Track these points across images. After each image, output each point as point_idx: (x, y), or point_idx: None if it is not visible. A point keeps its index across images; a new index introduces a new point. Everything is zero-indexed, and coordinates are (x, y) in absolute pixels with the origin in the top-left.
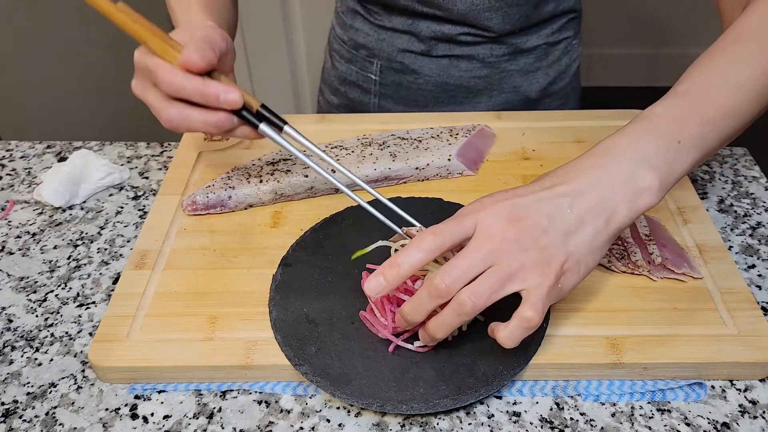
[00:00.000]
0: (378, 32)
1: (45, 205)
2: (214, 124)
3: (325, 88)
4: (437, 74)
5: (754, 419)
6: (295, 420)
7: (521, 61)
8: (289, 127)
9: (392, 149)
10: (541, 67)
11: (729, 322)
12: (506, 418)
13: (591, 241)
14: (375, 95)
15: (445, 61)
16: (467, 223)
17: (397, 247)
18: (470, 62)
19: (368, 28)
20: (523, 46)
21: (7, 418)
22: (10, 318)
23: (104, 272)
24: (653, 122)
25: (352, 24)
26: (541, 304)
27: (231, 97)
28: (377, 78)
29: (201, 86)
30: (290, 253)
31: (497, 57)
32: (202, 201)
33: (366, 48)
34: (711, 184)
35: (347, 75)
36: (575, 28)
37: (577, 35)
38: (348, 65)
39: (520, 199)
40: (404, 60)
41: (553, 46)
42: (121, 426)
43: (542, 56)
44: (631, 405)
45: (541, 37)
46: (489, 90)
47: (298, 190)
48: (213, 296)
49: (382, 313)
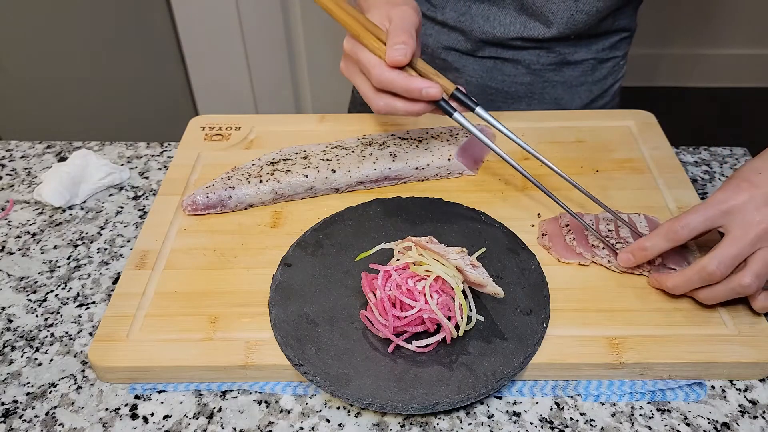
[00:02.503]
0: (426, 25)
1: (45, 205)
2: (415, 113)
3: None
4: (480, 75)
5: (754, 419)
6: (295, 420)
7: (567, 73)
8: (481, 109)
9: (392, 149)
10: (586, 83)
11: (729, 322)
12: (506, 418)
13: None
14: None
15: (490, 63)
16: (715, 216)
17: (400, 248)
18: (515, 67)
19: None
20: (571, 57)
21: (7, 418)
22: (10, 318)
23: (104, 272)
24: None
25: None
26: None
27: (432, 92)
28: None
29: (406, 83)
30: (290, 253)
31: (543, 65)
32: (202, 201)
33: None
34: (711, 184)
35: None
36: (625, 48)
37: (626, 56)
38: None
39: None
40: (447, 57)
41: (601, 63)
42: (121, 426)
43: (589, 71)
44: (631, 405)
45: (590, 52)
46: (529, 98)
47: (298, 190)
48: (213, 296)
49: (382, 313)
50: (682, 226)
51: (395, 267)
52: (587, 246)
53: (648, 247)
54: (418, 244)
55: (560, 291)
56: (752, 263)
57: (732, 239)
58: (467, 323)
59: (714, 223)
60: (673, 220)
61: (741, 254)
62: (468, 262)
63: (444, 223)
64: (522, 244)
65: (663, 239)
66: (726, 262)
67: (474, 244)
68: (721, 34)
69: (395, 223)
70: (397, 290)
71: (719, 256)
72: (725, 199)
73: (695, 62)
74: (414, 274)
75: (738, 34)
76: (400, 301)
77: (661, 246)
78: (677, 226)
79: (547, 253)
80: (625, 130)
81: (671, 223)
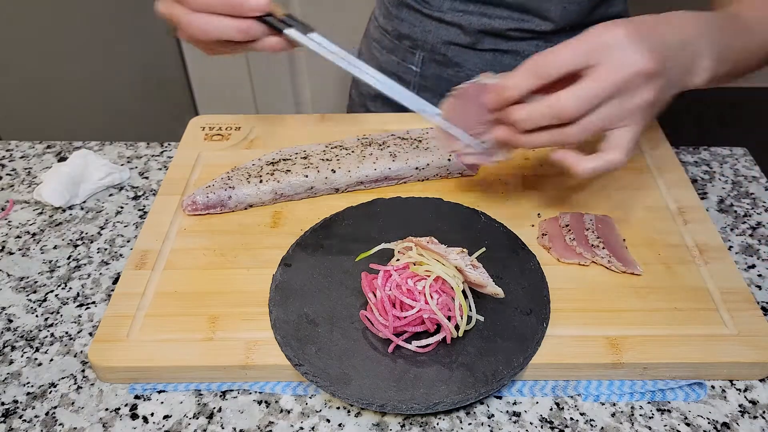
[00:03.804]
0: (424, 22)
1: (45, 205)
2: (242, 29)
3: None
4: (480, 68)
5: (754, 419)
6: (295, 420)
7: None
8: (316, 34)
9: (392, 149)
10: None
11: (729, 322)
12: (506, 418)
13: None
14: (414, 87)
15: (490, 55)
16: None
17: (400, 248)
18: (515, 59)
19: (414, 18)
20: None
21: (7, 418)
22: (10, 318)
23: (104, 272)
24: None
25: (398, 14)
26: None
27: (257, 2)
28: (418, 69)
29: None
30: (290, 253)
31: None
32: (202, 201)
33: (410, 38)
34: (711, 184)
35: (387, 65)
36: None
37: None
38: (389, 55)
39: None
40: (448, 52)
41: None
42: (121, 426)
43: None
44: (631, 405)
45: None
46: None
47: (298, 190)
48: (213, 296)
49: (382, 314)
50: (550, 59)
51: (395, 267)
52: (587, 246)
53: (511, 85)
54: (419, 244)
55: (560, 291)
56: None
57: (596, 76)
58: (467, 323)
59: (584, 59)
60: (538, 55)
61: (600, 95)
62: (468, 263)
63: (444, 223)
64: (522, 244)
65: (528, 75)
66: (583, 99)
67: (474, 244)
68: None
69: (395, 223)
70: (397, 290)
71: (578, 91)
72: (599, 33)
73: None
74: (414, 274)
75: None
76: (400, 301)
77: (527, 83)
78: (543, 60)
79: (547, 253)
80: None
81: (536, 57)
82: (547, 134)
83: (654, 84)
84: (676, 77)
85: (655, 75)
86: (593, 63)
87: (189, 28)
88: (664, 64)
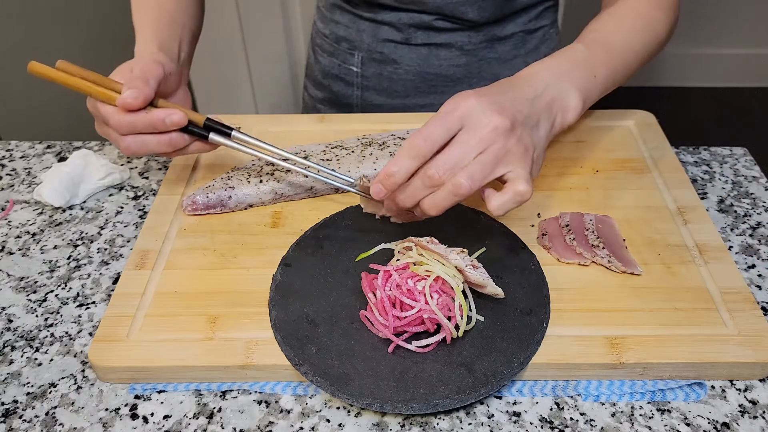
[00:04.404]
0: (358, 23)
1: (45, 205)
2: (167, 143)
3: (309, 83)
4: (417, 63)
5: (754, 419)
6: (295, 420)
7: (499, 49)
8: (238, 132)
9: (392, 149)
10: (519, 55)
11: (729, 322)
12: (506, 418)
13: (546, 137)
14: (358, 87)
15: (425, 50)
16: (452, 123)
17: (400, 248)
18: (449, 50)
19: (348, 20)
20: (500, 33)
21: (7, 418)
22: (10, 318)
23: (104, 272)
24: (578, 57)
25: (332, 17)
26: (530, 181)
27: (175, 118)
28: (359, 70)
29: (146, 117)
30: (290, 253)
31: (475, 45)
32: (202, 201)
33: (347, 40)
34: (711, 184)
35: (330, 68)
36: (552, 17)
37: (554, 24)
38: (330, 59)
39: (496, 96)
40: (384, 50)
41: (530, 34)
42: (121, 426)
43: (519, 44)
44: (631, 405)
45: (518, 25)
46: (469, 78)
47: (298, 190)
48: (213, 296)
49: (382, 314)
50: (423, 138)
51: (395, 267)
52: (587, 246)
53: (395, 171)
54: (419, 245)
55: (560, 291)
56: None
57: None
58: (467, 323)
59: (453, 128)
60: (413, 137)
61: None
62: (468, 263)
63: (444, 223)
64: (522, 244)
65: (408, 158)
66: (448, 163)
67: (474, 244)
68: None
69: (395, 223)
70: (397, 290)
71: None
72: (457, 104)
73: (695, 62)
74: (414, 274)
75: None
76: (400, 301)
77: (408, 166)
78: (418, 140)
79: (547, 253)
80: (625, 130)
81: (412, 140)
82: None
83: (512, 134)
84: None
85: (509, 128)
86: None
87: (123, 149)
88: (516, 118)
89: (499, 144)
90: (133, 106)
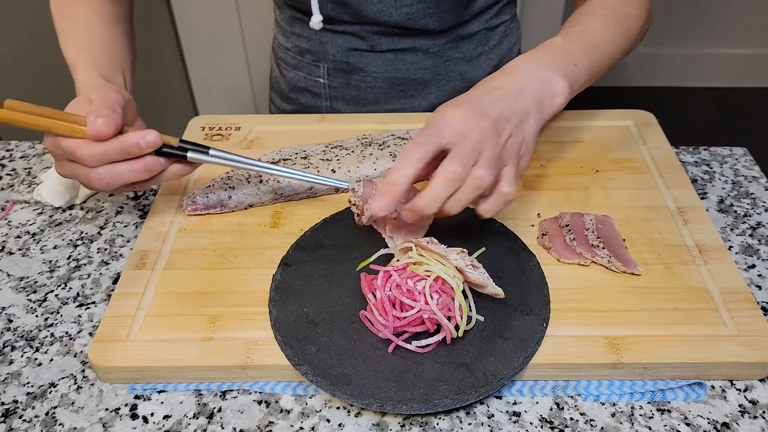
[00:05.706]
0: (320, 35)
1: (45, 205)
2: (143, 169)
3: (276, 96)
4: (384, 70)
5: (754, 419)
6: (295, 420)
7: (464, 48)
8: (215, 150)
9: (392, 149)
10: (484, 53)
11: (729, 322)
12: (506, 418)
13: (536, 126)
14: (326, 98)
15: (391, 55)
16: (441, 129)
17: (400, 249)
18: (415, 54)
19: (309, 32)
20: (464, 33)
21: (7, 418)
22: (10, 318)
23: (104, 272)
24: (557, 48)
25: (293, 30)
26: (515, 181)
27: (150, 139)
28: (326, 81)
29: (119, 143)
30: (290, 253)
31: (440, 46)
32: (202, 201)
33: (311, 52)
34: (711, 184)
35: (296, 81)
36: (511, 11)
37: (514, 18)
38: (295, 72)
39: (477, 100)
40: (350, 59)
41: (492, 31)
42: (121, 426)
43: (483, 41)
44: (631, 405)
45: (480, 23)
46: (437, 80)
47: (298, 190)
48: (213, 296)
49: (382, 314)
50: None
51: (395, 267)
52: (587, 246)
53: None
54: (419, 245)
55: (560, 291)
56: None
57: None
58: (467, 323)
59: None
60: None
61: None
62: (468, 263)
63: (444, 223)
64: (522, 244)
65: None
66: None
67: (474, 244)
68: (720, 34)
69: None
70: (397, 290)
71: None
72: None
73: (695, 62)
74: (414, 274)
75: (738, 34)
76: (400, 302)
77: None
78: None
79: (547, 253)
80: (625, 130)
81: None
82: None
83: (501, 130)
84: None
85: (496, 125)
86: (445, 142)
87: (94, 184)
88: (501, 114)
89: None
90: (106, 134)
